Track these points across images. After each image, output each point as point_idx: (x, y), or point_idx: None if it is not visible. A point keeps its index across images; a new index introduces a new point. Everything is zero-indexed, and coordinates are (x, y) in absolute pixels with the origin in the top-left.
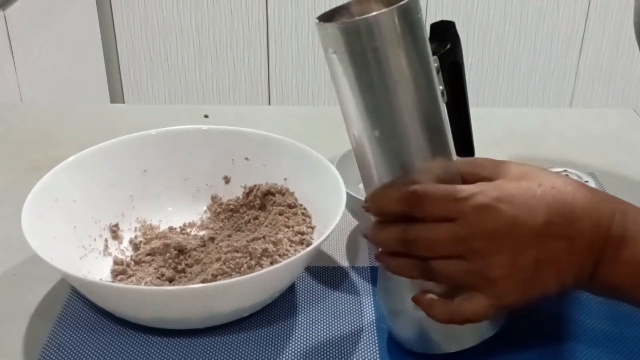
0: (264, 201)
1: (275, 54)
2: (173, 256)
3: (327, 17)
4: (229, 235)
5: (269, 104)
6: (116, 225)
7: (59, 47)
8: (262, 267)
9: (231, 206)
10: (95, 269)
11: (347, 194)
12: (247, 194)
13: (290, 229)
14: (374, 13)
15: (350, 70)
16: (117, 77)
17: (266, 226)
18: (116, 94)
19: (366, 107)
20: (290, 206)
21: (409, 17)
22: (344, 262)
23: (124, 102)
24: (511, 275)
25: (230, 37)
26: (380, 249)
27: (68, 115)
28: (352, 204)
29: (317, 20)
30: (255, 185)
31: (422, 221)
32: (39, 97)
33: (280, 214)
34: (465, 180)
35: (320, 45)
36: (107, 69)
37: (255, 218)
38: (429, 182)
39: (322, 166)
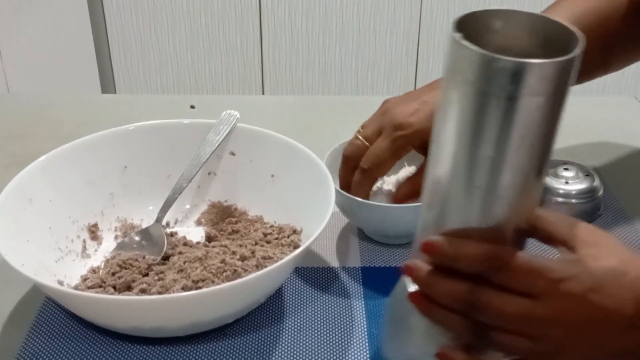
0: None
1: (269, 37)
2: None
3: (459, 24)
4: (213, 236)
5: (263, 88)
6: (95, 225)
7: (46, 34)
8: (246, 271)
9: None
10: (72, 272)
11: (337, 191)
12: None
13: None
14: (546, 61)
15: (478, 111)
16: (107, 63)
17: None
18: (107, 81)
19: (476, 158)
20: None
21: (571, 69)
22: (333, 263)
23: (114, 88)
24: None
25: (222, 20)
26: (417, 287)
27: (52, 107)
28: (342, 201)
29: (462, 40)
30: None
31: (492, 285)
32: (28, 87)
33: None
34: (534, 234)
35: (315, 30)
36: (97, 54)
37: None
38: (510, 233)
39: (311, 162)
